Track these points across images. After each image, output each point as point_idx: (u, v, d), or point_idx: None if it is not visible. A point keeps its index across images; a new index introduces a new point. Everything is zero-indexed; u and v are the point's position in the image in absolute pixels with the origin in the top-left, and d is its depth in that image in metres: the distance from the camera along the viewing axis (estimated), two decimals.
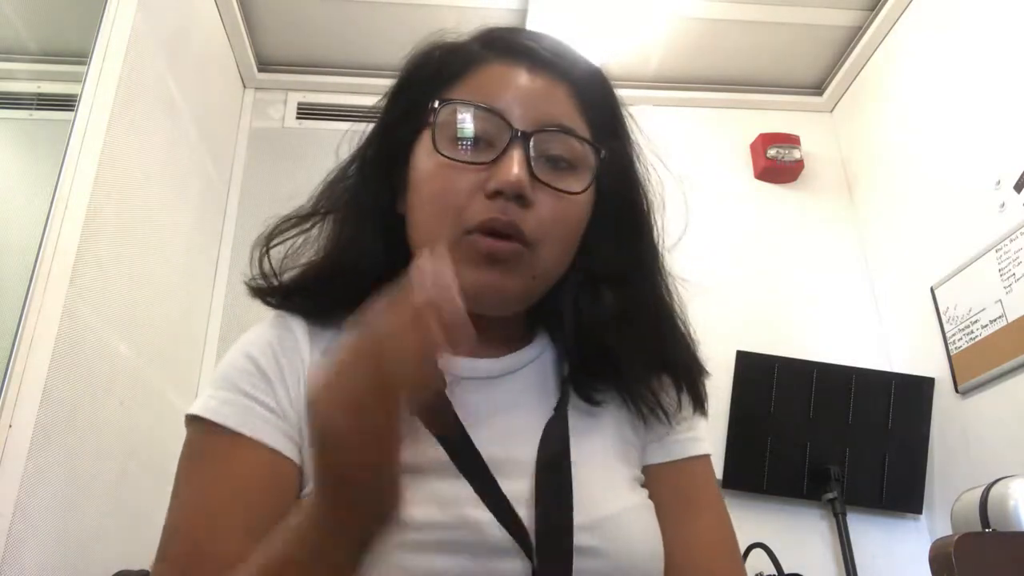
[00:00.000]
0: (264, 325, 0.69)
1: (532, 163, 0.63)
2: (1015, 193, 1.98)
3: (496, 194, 0.61)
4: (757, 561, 1.99)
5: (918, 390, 2.28)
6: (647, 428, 0.71)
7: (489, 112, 0.64)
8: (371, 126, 0.74)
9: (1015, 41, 2.03)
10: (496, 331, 0.69)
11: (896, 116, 2.56)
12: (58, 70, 1.85)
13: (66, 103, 1.63)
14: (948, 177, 2.27)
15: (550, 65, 0.68)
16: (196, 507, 0.58)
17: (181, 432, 0.63)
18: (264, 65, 2.79)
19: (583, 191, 0.66)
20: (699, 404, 0.73)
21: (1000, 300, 2.01)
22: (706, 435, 0.75)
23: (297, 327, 0.68)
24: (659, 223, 0.75)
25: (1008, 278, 1.99)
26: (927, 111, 2.39)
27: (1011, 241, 1.98)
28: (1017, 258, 1.96)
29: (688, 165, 2.79)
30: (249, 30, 2.62)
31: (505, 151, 0.62)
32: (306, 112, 2.79)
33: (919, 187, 2.41)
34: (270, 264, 0.71)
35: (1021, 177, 1.97)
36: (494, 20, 2.58)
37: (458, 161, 0.63)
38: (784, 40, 2.72)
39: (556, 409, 0.67)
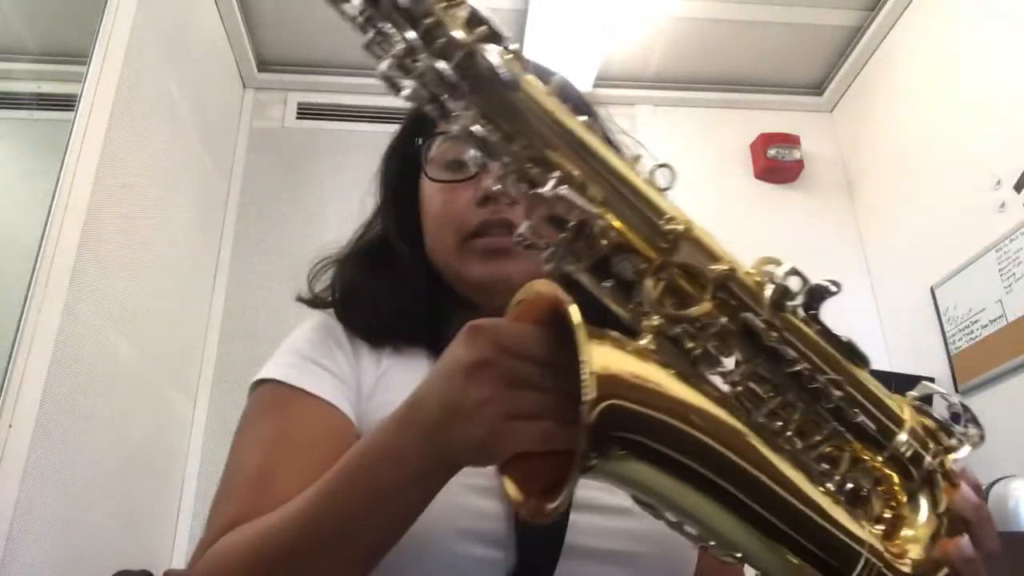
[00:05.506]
0: (320, 316, 0.76)
1: None
2: (1015, 193, 1.98)
3: (485, 200, 0.69)
4: None
5: None
6: None
7: None
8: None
9: (1015, 41, 2.03)
10: None
11: (896, 116, 2.56)
12: (58, 70, 1.85)
13: (66, 103, 1.63)
14: (948, 177, 2.26)
15: None
16: (261, 453, 0.62)
17: (181, 432, 0.63)
18: (264, 65, 2.79)
19: None
20: None
21: (1000, 300, 2.01)
22: None
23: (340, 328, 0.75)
24: None
25: (1008, 278, 1.99)
26: (927, 111, 2.39)
27: (1011, 241, 1.98)
28: (1017, 258, 1.96)
29: (688, 165, 2.81)
30: (249, 30, 2.62)
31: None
32: (306, 112, 2.78)
33: (919, 187, 2.41)
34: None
35: (1021, 177, 1.97)
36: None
37: (448, 182, 0.72)
38: (784, 40, 2.72)
39: None
